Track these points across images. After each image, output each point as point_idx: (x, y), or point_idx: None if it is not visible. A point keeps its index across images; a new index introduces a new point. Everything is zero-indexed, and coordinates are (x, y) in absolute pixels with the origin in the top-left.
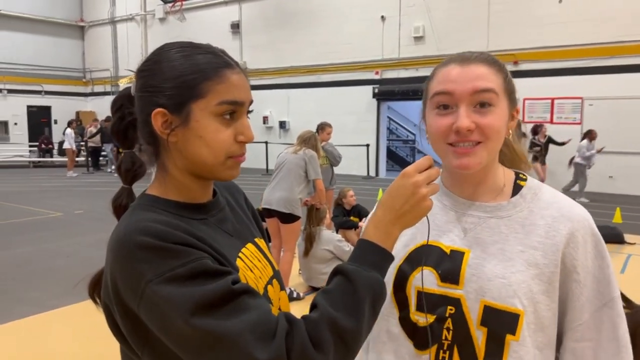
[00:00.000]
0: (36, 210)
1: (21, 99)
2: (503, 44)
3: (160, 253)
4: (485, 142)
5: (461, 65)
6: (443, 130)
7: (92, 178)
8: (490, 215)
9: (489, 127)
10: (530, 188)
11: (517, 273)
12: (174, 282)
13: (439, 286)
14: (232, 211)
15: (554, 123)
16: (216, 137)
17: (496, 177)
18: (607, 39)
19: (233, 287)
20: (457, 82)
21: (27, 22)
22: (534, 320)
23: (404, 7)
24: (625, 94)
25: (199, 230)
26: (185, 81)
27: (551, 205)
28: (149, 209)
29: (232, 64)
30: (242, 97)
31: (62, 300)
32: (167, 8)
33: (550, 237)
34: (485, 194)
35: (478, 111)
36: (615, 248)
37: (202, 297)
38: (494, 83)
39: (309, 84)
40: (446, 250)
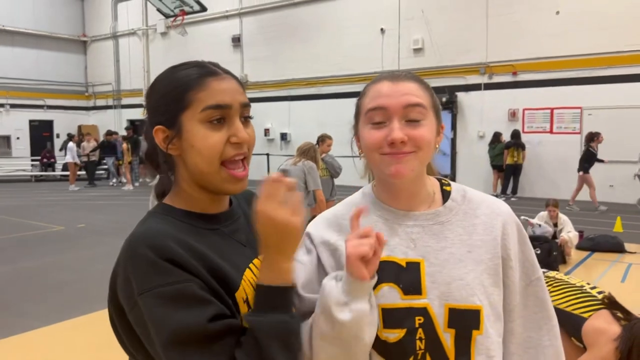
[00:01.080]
0: (38, 224)
1: (24, 113)
2: (502, 55)
3: (153, 268)
4: (417, 152)
5: (392, 81)
6: (377, 142)
7: (94, 192)
8: (432, 222)
9: (421, 138)
10: (457, 191)
11: (470, 272)
12: (159, 298)
13: (403, 299)
14: (248, 222)
15: (554, 133)
16: (205, 142)
17: (427, 186)
18: (605, 49)
19: (208, 327)
20: (390, 97)
21: (30, 37)
22: (492, 312)
23: (403, 20)
24: (623, 104)
25: (206, 242)
26: (172, 95)
27: (480, 204)
28: (163, 217)
29: (217, 72)
30: (226, 101)
31: (64, 314)
32: (168, 22)
33: (488, 233)
34: (420, 203)
35: (409, 125)
36: (616, 257)
37: (179, 330)
38: (422, 98)
39: (310, 96)
40: (402, 263)
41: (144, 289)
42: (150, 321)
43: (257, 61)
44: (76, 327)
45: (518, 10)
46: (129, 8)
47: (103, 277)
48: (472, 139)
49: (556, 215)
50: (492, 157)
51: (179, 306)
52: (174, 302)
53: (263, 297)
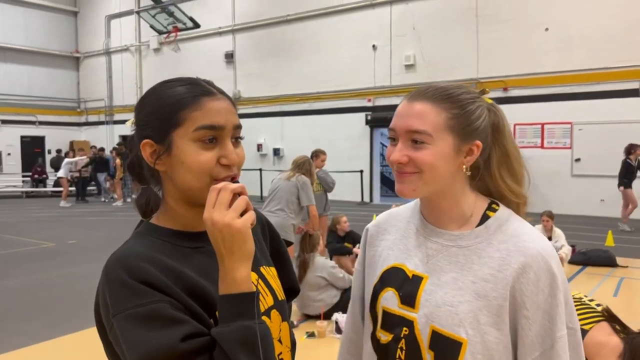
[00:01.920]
0: (29, 240)
1: (15, 129)
2: (493, 70)
3: (126, 290)
4: (420, 173)
5: (409, 101)
6: (390, 160)
7: (85, 208)
8: (452, 244)
9: (420, 161)
10: (496, 219)
11: (465, 303)
12: (132, 320)
13: (399, 307)
14: None
15: (545, 148)
16: (196, 159)
17: (459, 206)
18: (594, 65)
19: (180, 346)
20: (399, 119)
21: (22, 53)
22: (482, 351)
23: (394, 37)
24: (613, 119)
25: (190, 261)
26: (165, 112)
27: (510, 238)
28: (145, 237)
29: (212, 92)
30: (220, 122)
31: (54, 331)
32: (161, 39)
33: (502, 271)
34: (450, 222)
35: (413, 146)
36: (608, 271)
37: (149, 350)
38: (428, 123)
39: (302, 111)
40: (409, 274)
41: (118, 310)
42: (123, 342)
43: (250, 77)
44: (66, 344)
45: (508, 27)
46: (122, 24)
47: (94, 294)
48: None
49: (550, 227)
50: None
51: (151, 326)
52: (146, 322)
53: (223, 307)
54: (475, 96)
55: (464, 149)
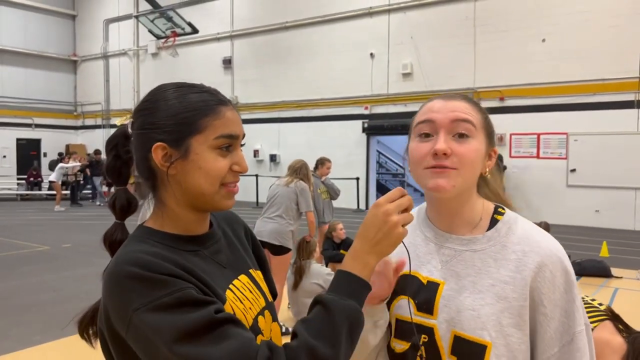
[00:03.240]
0: (23, 243)
1: (11, 131)
2: (489, 80)
3: (146, 283)
4: (460, 169)
5: (444, 99)
6: (423, 154)
7: (80, 211)
8: (466, 249)
9: (464, 155)
10: (505, 222)
11: (487, 306)
12: (159, 310)
13: (415, 315)
14: (227, 243)
15: (541, 158)
16: (214, 166)
17: (473, 210)
18: (590, 77)
19: (215, 316)
20: (439, 112)
21: (20, 56)
22: (506, 353)
23: (392, 45)
24: (608, 130)
25: (189, 262)
26: (184, 118)
27: (523, 240)
28: (143, 241)
29: (226, 102)
30: (237, 131)
31: (46, 336)
32: (159, 44)
33: (519, 272)
34: (462, 226)
35: (456, 140)
36: (602, 282)
37: (185, 326)
38: (472, 117)
39: (299, 118)
40: (423, 280)
41: (140, 304)
42: (152, 330)
43: (247, 83)
44: (59, 349)
45: (505, 37)
46: (121, 28)
47: (88, 298)
48: None
49: None
50: None
51: (182, 311)
52: (176, 308)
53: (346, 282)
54: None
55: (489, 152)
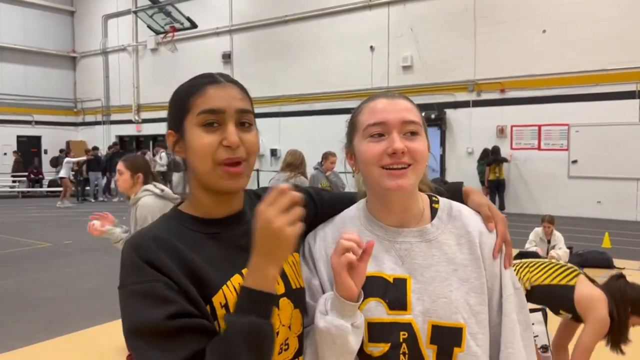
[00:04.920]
0: (24, 240)
1: (11, 129)
2: (490, 72)
3: (131, 266)
4: (414, 165)
5: (388, 98)
6: (378, 154)
7: (82, 208)
8: (420, 240)
9: (418, 151)
10: (442, 209)
11: (455, 291)
12: (130, 294)
13: (389, 314)
14: None
15: (542, 149)
16: (199, 142)
17: (418, 203)
18: (591, 67)
19: (163, 323)
20: (388, 112)
21: (19, 53)
22: (479, 330)
23: (392, 38)
24: (610, 121)
25: (199, 247)
26: (178, 102)
27: (462, 222)
28: (168, 220)
29: (218, 80)
30: (220, 105)
31: (49, 333)
32: (158, 39)
33: (473, 252)
34: (410, 220)
35: (408, 138)
36: (604, 273)
37: (137, 322)
38: (417, 116)
39: (300, 112)
40: (389, 279)
41: (123, 284)
42: (121, 311)
43: (247, 77)
44: (60, 346)
45: (505, 29)
46: (119, 24)
47: (89, 294)
48: (461, 155)
49: (551, 231)
50: (481, 173)
51: (143, 303)
52: (141, 298)
53: (243, 298)
54: None
55: (428, 146)
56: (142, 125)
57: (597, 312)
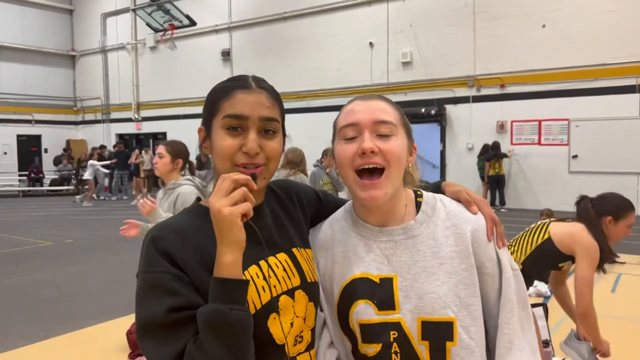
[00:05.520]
0: (25, 239)
1: (11, 128)
2: (489, 67)
3: (147, 256)
4: (388, 168)
5: (363, 100)
6: (350, 155)
7: (80, 207)
8: (404, 237)
9: (390, 151)
10: (427, 203)
11: (442, 285)
12: (142, 282)
13: (378, 315)
14: (274, 221)
15: (542, 144)
16: (221, 144)
17: (400, 201)
18: (591, 62)
19: (164, 317)
20: (361, 113)
21: (17, 52)
22: (471, 322)
23: (391, 34)
24: (610, 115)
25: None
26: (209, 102)
27: (449, 214)
28: (188, 213)
29: (249, 85)
30: (244, 112)
31: (51, 331)
32: (157, 37)
33: (459, 244)
34: (394, 218)
35: (380, 138)
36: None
37: (143, 317)
38: (392, 116)
39: (299, 109)
40: (375, 279)
41: (139, 271)
42: (135, 303)
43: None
44: (62, 345)
45: (505, 24)
46: (118, 22)
47: (90, 293)
48: (461, 151)
49: None
50: (481, 169)
51: (151, 293)
52: (150, 288)
53: (210, 288)
54: None
55: (410, 147)
56: (142, 123)
57: (581, 242)
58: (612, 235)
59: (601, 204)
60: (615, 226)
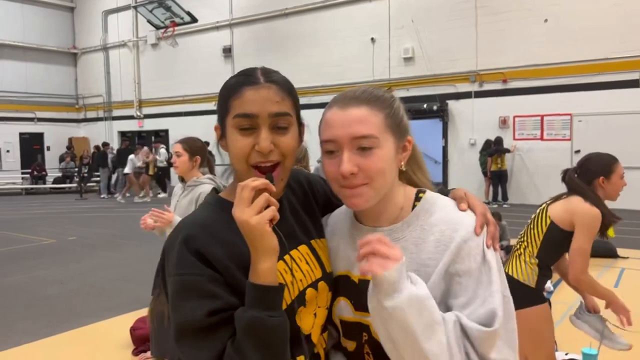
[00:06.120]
0: (29, 237)
1: (14, 126)
2: (491, 63)
3: (180, 258)
4: (370, 183)
5: (342, 109)
6: (332, 174)
7: (85, 204)
8: (389, 239)
9: (371, 169)
10: (422, 206)
11: None
12: (177, 284)
13: (354, 314)
14: (292, 213)
15: (545, 140)
16: (235, 145)
17: (392, 202)
18: (594, 56)
19: (203, 320)
20: (338, 128)
21: (19, 50)
22: None
23: (393, 30)
24: (612, 110)
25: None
26: (221, 100)
27: (441, 220)
28: (210, 207)
29: (256, 81)
30: (252, 110)
31: (54, 328)
32: (159, 34)
33: (438, 252)
34: (386, 219)
35: (360, 154)
36: (609, 262)
37: (181, 322)
38: (372, 126)
39: (301, 105)
40: (355, 279)
41: (171, 273)
42: (169, 302)
43: None
44: (66, 341)
45: (507, 19)
46: (119, 20)
47: (94, 290)
48: (464, 146)
49: None
50: (483, 164)
51: (188, 296)
52: (186, 291)
53: (247, 293)
54: (392, 94)
55: (400, 146)
56: (143, 121)
57: (579, 212)
58: (610, 192)
59: (587, 169)
60: (609, 183)
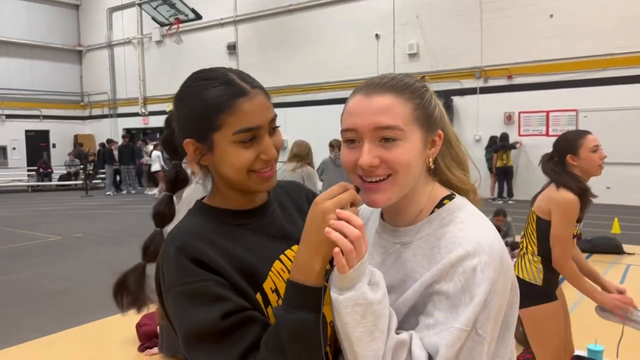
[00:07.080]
0: (35, 234)
1: (19, 123)
2: (496, 58)
3: (179, 268)
4: (394, 175)
5: (366, 96)
6: (351, 165)
7: (91, 201)
8: (396, 241)
9: (395, 161)
10: (440, 213)
11: (394, 302)
12: (181, 296)
13: None
14: (284, 214)
15: (550, 135)
16: (237, 159)
17: (417, 202)
18: (599, 52)
19: (218, 323)
20: (360, 117)
21: (25, 47)
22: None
23: (397, 25)
24: (618, 105)
25: (236, 237)
26: (203, 115)
27: (451, 234)
28: (199, 215)
29: (246, 91)
30: (256, 122)
31: (60, 324)
32: (163, 31)
33: (430, 264)
34: (406, 220)
35: (383, 145)
36: (614, 259)
37: (192, 327)
38: (398, 117)
39: (305, 102)
40: None
41: (171, 285)
42: (173, 316)
43: (252, 68)
44: (72, 338)
45: (512, 14)
46: (124, 17)
47: (100, 287)
48: (469, 142)
49: None
50: (489, 160)
51: (196, 303)
52: (192, 299)
53: (292, 293)
54: (424, 84)
55: (429, 140)
56: (148, 118)
57: (553, 200)
58: (585, 168)
59: (556, 150)
60: (579, 159)
